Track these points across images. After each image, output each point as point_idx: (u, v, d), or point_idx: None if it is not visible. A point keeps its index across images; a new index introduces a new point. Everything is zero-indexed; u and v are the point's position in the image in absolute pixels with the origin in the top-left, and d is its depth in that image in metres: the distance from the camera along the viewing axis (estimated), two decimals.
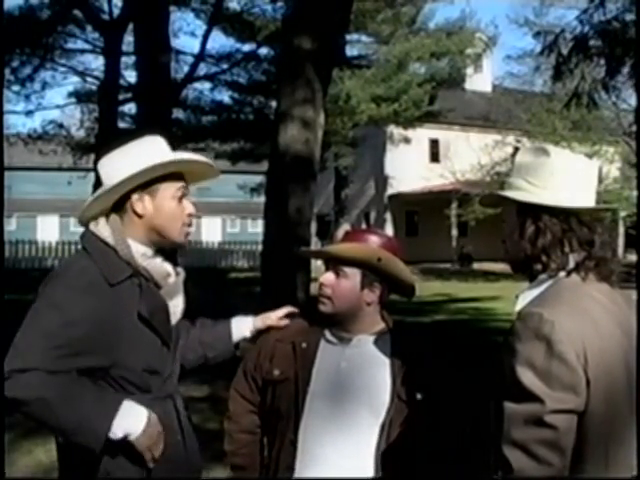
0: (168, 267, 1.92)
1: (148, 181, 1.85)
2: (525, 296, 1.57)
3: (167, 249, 1.97)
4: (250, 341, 2.17)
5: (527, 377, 1.40)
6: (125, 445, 1.72)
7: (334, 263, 1.98)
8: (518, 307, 1.55)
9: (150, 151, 1.87)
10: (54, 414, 1.67)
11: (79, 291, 1.72)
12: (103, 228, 1.84)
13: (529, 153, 1.65)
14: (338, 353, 1.98)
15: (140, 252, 1.85)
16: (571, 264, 1.55)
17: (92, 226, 1.86)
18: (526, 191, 1.59)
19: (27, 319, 1.71)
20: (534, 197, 1.57)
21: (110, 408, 1.71)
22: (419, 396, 1.91)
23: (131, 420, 1.72)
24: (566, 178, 1.58)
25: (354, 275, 1.96)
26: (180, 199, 1.90)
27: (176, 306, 1.94)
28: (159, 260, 1.91)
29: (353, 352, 1.98)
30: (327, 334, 2.02)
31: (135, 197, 1.85)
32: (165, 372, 1.87)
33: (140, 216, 1.86)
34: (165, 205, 1.87)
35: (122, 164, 1.84)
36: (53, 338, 1.68)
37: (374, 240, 1.99)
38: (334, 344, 2.00)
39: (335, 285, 1.97)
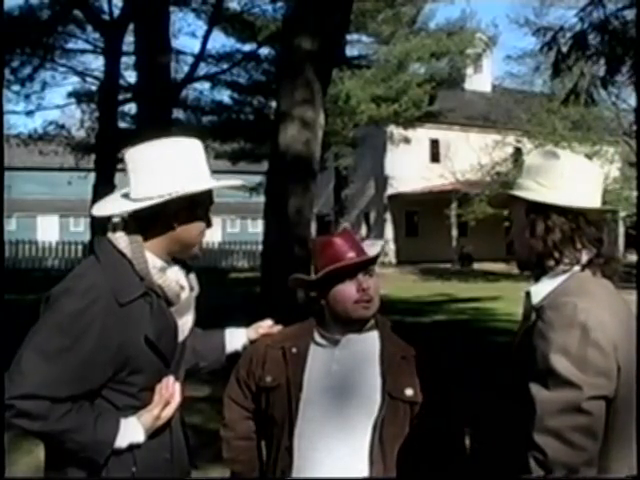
0: (183, 281, 1.87)
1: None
2: (539, 291, 1.62)
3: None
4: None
5: (562, 364, 1.44)
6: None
7: (367, 266, 1.98)
8: (535, 301, 1.60)
9: (192, 163, 1.81)
10: (57, 442, 1.68)
11: (86, 313, 1.65)
12: (121, 238, 1.76)
13: (539, 156, 1.72)
14: (328, 356, 1.98)
15: (157, 267, 1.78)
16: (584, 260, 1.61)
17: (110, 233, 1.79)
18: (536, 191, 1.66)
19: (30, 337, 1.66)
20: (543, 197, 1.63)
21: (110, 431, 1.70)
22: (410, 392, 1.90)
23: (129, 434, 1.73)
24: (575, 180, 1.65)
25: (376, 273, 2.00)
26: (207, 213, 1.86)
27: (185, 324, 1.89)
28: (174, 275, 1.84)
29: (343, 353, 1.97)
30: (316, 336, 2.01)
31: (173, 210, 1.77)
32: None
33: (173, 227, 1.79)
34: (197, 222, 1.82)
35: (161, 172, 1.76)
36: (55, 363, 1.63)
37: (352, 236, 2.05)
38: (324, 346, 2.00)
39: (376, 287, 1.98)
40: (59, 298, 1.68)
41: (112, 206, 1.82)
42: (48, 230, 36.49)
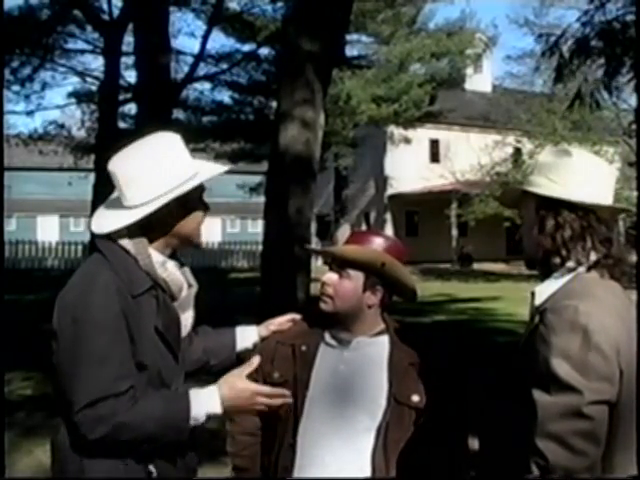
0: (182, 277, 1.88)
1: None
2: (542, 291, 1.60)
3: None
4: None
5: (563, 369, 1.42)
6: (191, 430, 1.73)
7: (338, 264, 1.99)
8: (538, 302, 1.58)
9: (177, 160, 1.81)
10: (135, 432, 1.67)
11: (113, 308, 1.68)
12: (123, 235, 1.78)
13: (552, 154, 1.71)
14: (337, 356, 1.98)
15: (160, 262, 1.81)
16: (591, 260, 1.59)
17: (111, 233, 1.79)
18: (547, 187, 1.64)
19: (71, 348, 1.66)
20: (555, 192, 1.61)
21: (182, 403, 1.72)
22: (416, 398, 1.90)
23: (204, 401, 1.74)
24: (587, 177, 1.63)
25: (357, 277, 1.96)
26: (202, 201, 1.88)
27: (187, 319, 1.92)
28: (177, 271, 1.87)
29: (352, 355, 1.97)
30: (327, 337, 2.02)
31: (168, 211, 1.78)
32: (172, 387, 1.85)
33: (172, 225, 1.82)
34: (194, 212, 1.85)
35: (150, 176, 1.75)
36: (109, 361, 1.65)
37: (379, 243, 1.99)
38: (333, 347, 2.00)
39: (337, 285, 1.97)
40: (82, 301, 1.69)
41: (112, 220, 1.81)
42: (48, 230, 36.50)
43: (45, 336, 1.76)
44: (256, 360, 1.88)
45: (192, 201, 1.84)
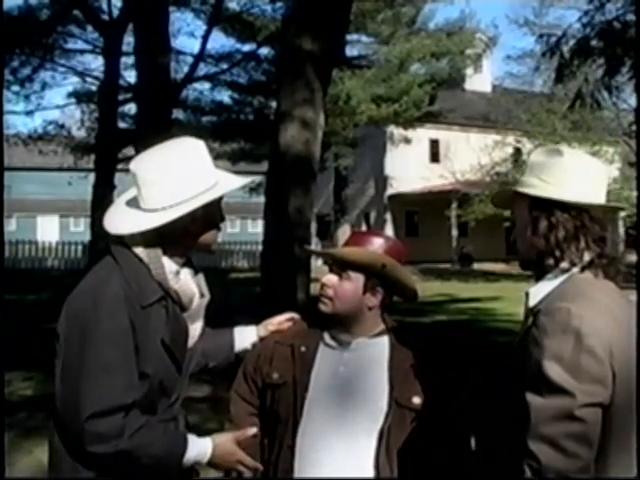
0: (195, 287, 1.87)
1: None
2: (537, 292, 1.59)
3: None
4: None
5: (555, 371, 1.42)
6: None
7: (338, 265, 1.97)
8: (532, 303, 1.57)
9: (200, 167, 1.78)
10: (131, 462, 1.68)
11: (122, 319, 1.67)
12: (138, 242, 1.76)
13: (543, 153, 1.69)
14: (337, 357, 1.97)
15: (173, 271, 1.78)
16: (585, 260, 1.57)
17: (126, 237, 1.77)
18: (539, 188, 1.62)
19: (78, 357, 1.65)
20: (547, 193, 1.60)
21: (180, 447, 1.76)
22: (417, 400, 1.89)
23: (196, 450, 1.80)
24: (578, 176, 1.62)
25: (357, 279, 1.95)
26: (221, 212, 1.87)
27: (195, 329, 1.91)
28: (190, 281, 1.85)
29: (352, 356, 1.96)
30: (326, 337, 2.00)
31: (190, 220, 1.75)
32: (174, 395, 1.85)
33: (193, 237, 1.81)
34: (213, 220, 1.84)
35: (172, 180, 1.73)
36: (116, 372, 1.65)
37: (379, 244, 1.97)
38: (333, 348, 1.99)
39: (337, 287, 1.95)
40: (92, 310, 1.67)
41: (128, 222, 1.78)
42: (48, 230, 36.51)
43: (46, 336, 1.75)
44: (251, 431, 1.94)
45: (214, 213, 1.82)
